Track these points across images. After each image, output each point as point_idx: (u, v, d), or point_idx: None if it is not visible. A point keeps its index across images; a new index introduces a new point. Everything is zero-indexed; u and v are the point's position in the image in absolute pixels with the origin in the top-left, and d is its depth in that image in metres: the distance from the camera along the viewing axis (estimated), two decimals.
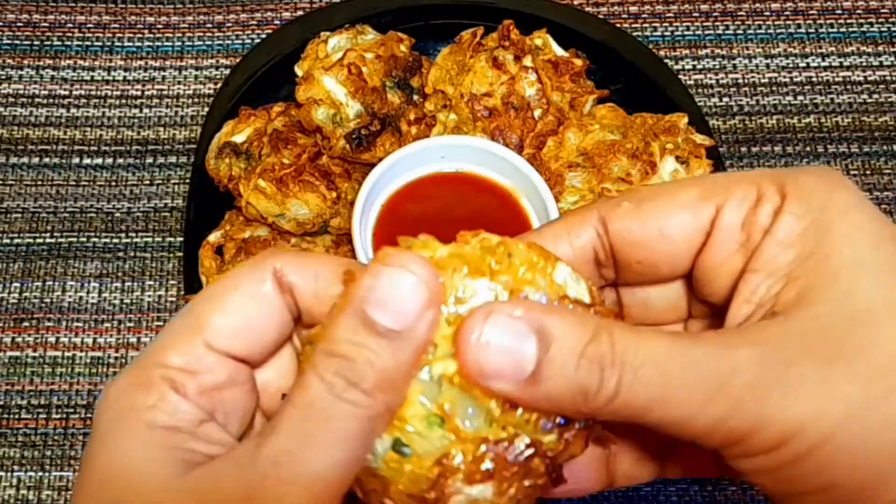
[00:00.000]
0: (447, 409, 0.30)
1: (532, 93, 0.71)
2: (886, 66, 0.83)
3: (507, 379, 0.29)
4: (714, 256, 0.32)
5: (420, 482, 0.30)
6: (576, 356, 0.29)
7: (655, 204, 0.33)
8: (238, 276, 0.33)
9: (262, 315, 0.32)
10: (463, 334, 0.29)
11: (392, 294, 0.29)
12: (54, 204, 0.77)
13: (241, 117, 0.71)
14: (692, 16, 0.86)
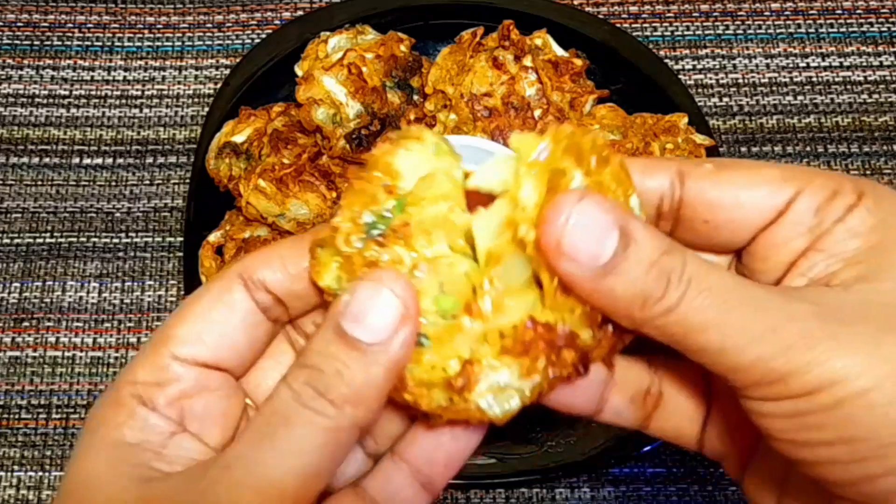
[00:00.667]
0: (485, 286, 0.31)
1: (532, 93, 0.71)
2: (886, 66, 0.83)
3: (580, 263, 0.30)
4: (781, 234, 0.33)
5: (441, 370, 0.31)
6: (649, 262, 0.30)
7: (738, 173, 0.33)
8: (204, 286, 0.34)
9: (227, 318, 0.33)
10: (552, 211, 0.30)
11: (367, 308, 0.30)
12: (54, 204, 0.77)
13: (241, 117, 0.71)
14: (692, 16, 0.86)
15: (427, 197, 0.32)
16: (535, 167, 0.31)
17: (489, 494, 0.65)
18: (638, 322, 0.31)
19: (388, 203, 0.31)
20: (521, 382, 0.31)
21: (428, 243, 0.31)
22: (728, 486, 0.65)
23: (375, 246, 0.31)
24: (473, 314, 0.31)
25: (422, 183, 0.32)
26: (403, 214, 0.31)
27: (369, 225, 0.31)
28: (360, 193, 0.32)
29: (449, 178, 0.32)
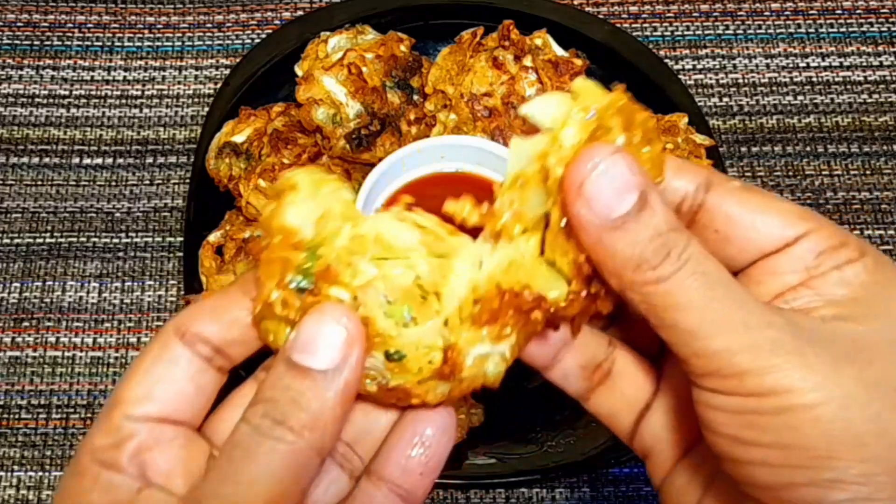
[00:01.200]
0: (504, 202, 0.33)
1: (532, 93, 0.71)
2: (886, 66, 0.83)
3: (594, 210, 0.31)
4: (780, 265, 0.35)
5: (428, 364, 0.32)
6: (656, 231, 0.31)
7: (761, 198, 0.35)
8: (146, 346, 0.35)
9: (171, 373, 0.34)
10: (585, 153, 0.31)
11: (314, 338, 0.32)
12: (54, 204, 0.77)
13: (241, 117, 0.71)
14: (692, 16, 0.86)
15: (330, 234, 0.32)
16: (586, 112, 0.32)
17: (489, 494, 0.65)
18: (626, 283, 0.32)
19: (301, 258, 0.32)
20: (498, 347, 0.33)
21: (354, 273, 0.32)
22: None
23: (310, 298, 0.32)
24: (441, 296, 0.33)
25: (320, 224, 0.33)
26: (320, 260, 0.32)
27: (296, 285, 0.32)
28: (272, 263, 0.32)
29: (338, 202, 0.33)
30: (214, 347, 0.34)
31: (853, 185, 0.78)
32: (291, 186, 0.33)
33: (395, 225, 0.33)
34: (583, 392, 0.39)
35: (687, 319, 0.31)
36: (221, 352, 0.35)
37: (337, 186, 0.33)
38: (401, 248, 0.33)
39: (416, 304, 0.32)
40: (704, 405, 0.32)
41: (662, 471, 0.38)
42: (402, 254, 0.33)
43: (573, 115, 0.32)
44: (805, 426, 0.30)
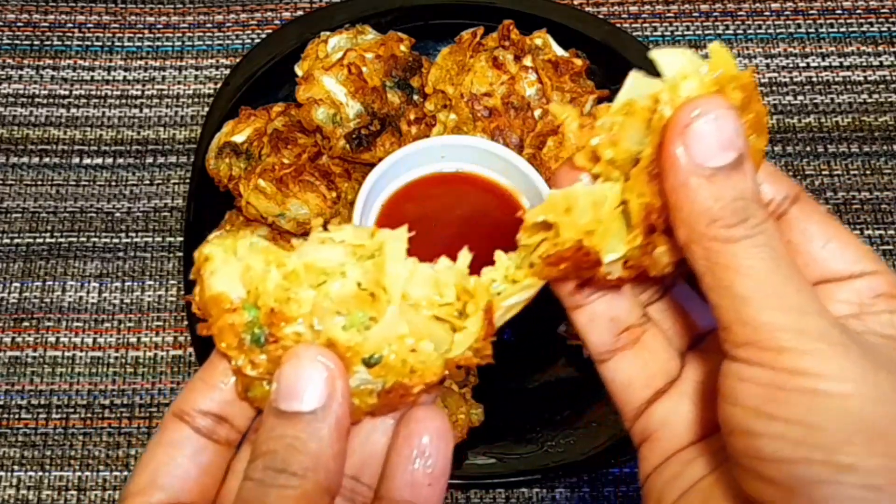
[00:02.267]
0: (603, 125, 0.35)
1: (532, 93, 0.71)
2: (886, 66, 0.83)
3: (691, 154, 0.32)
4: (837, 293, 0.36)
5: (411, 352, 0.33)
6: (741, 195, 0.32)
7: (841, 228, 0.37)
8: (150, 439, 0.36)
9: (174, 458, 0.34)
10: (701, 100, 0.32)
11: (295, 383, 0.32)
12: (54, 204, 0.77)
13: (241, 117, 0.71)
14: (692, 16, 0.86)
15: (260, 283, 0.33)
16: (713, 71, 0.33)
17: (489, 494, 0.65)
18: (695, 235, 0.32)
19: (244, 316, 0.33)
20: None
21: (299, 304, 0.33)
22: None
23: (272, 347, 0.33)
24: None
25: (245, 278, 0.34)
26: (263, 310, 0.33)
27: (253, 341, 0.33)
28: (222, 335, 0.34)
29: (256, 252, 0.34)
30: (216, 417, 0.35)
31: (853, 185, 0.78)
32: (206, 259, 0.34)
33: (317, 249, 0.34)
34: (605, 348, 0.38)
35: (743, 285, 0.32)
36: (225, 420, 0.35)
37: (249, 241, 0.34)
38: (332, 267, 0.34)
39: (367, 305, 0.33)
40: (734, 377, 0.32)
41: (656, 458, 0.38)
42: (335, 271, 0.33)
43: (700, 70, 0.33)
44: (832, 411, 0.31)
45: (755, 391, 0.32)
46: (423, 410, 0.36)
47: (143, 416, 0.68)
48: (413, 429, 0.36)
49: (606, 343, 0.38)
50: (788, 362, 0.31)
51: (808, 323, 0.31)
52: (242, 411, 0.35)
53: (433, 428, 0.36)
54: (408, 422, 0.36)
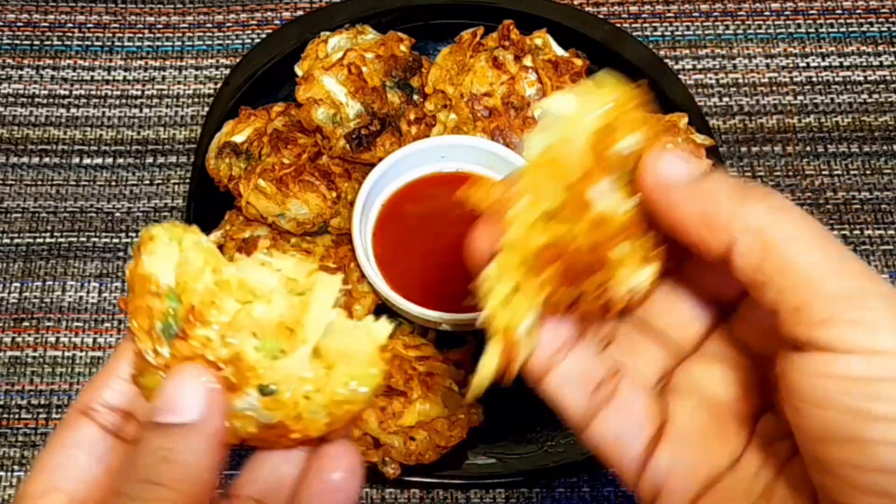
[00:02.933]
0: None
1: (532, 93, 0.71)
2: (887, 66, 0.83)
3: (673, 175, 0.31)
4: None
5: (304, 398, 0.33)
6: (740, 180, 0.31)
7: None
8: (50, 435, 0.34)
9: (76, 458, 0.33)
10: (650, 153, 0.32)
11: (174, 397, 0.32)
12: (54, 204, 0.76)
13: (241, 117, 0.71)
14: (692, 15, 0.86)
15: (191, 279, 0.33)
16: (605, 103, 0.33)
17: (489, 494, 0.65)
18: (737, 222, 0.30)
19: (165, 303, 0.33)
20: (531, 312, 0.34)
21: (220, 311, 0.33)
22: None
23: (179, 343, 0.33)
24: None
25: (179, 270, 0.34)
26: (184, 304, 0.33)
27: (163, 331, 0.33)
28: (139, 313, 0.33)
29: (198, 248, 0.34)
30: (123, 414, 0.34)
31: (853, 185, 0.78)
32: (150, 238, 0.34)
33: (255, 269, 0.34)
34: (583, 411, 0.35)
35: (808, 253, 0.28)
36: (132, 416, 0.34)
37: (196, 238, 0.35)
38: (262, 290, 0.34)
39: (283, 337, 0.33)
40: (815, 374, 0.28)
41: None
42: (263, 295, 0.34)
43: (592, 105, 0.33)
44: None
45: (852, 387, 0.27)
46: (336, 447, 0.35)
47: None
48: (325, 465, 0.35)
49: (584, 406, 0.35)
50: (884, 340, 0.26)
51: (885, 288, 0.27)
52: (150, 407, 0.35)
53: (346, 465, 0.35)
54: (320, 457, 0.35)
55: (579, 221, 0.32)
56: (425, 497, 0.65)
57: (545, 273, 0.33)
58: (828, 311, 0.27)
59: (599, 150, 0.32)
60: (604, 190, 0.33)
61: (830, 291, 0.28)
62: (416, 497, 0.65)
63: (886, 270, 0.74)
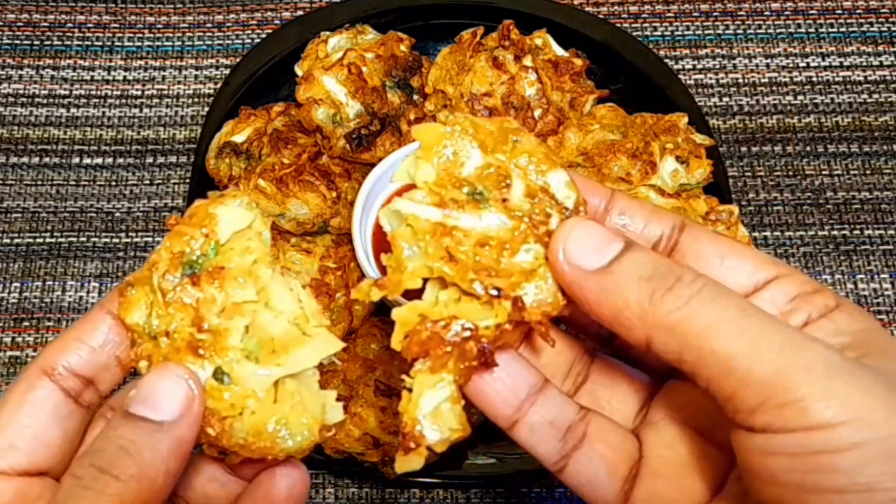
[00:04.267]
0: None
1: (532, 92, 0.71)
2: (886, 66, 0.83)
3: (582, 262, 0.32)
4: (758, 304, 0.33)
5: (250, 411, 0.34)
6: (656, 260, 0.31)
7: (732, 242, 0.35)
8: (7, 390, 0.34)
9: (36, 418, 0.33)
10: (556, 232, 0.33)
11: (154, 391, 0.32)
12: (54, 204, 0.76)
13: (241, 117, 0.71)
14: (692, 15, 0.86)
15: (238, 248, 0.35)
16: (430, 150, 0.35)
17: (489, 494, 0.65)
18: (648, 319, 0.30)
19: (206, 247, 0.35)
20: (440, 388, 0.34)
21: (238, 288, 0.34)
22: None
23: (190, 285, 0.34)
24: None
25: (235, 235, 0.35)
26: (218, 258, 0.34)
27: (186, 264, 0.34)
28: (179, 236, 0.35)
29: (257, 236, 0.36)
30: (84, 379, 0.34)
31: (853, 185, 0.78)
32: (234, 195, 0.36)
33: (285, 286, 0.36)
34: (557, 456, 0.36)
35: (724, 343, 0.29)
36: (92, 383, 0.34)
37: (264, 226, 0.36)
38: (277, 306, 0.36)
39: (266, 351, 0.34)
40: (760, 452, 0.29)
41: None
42: (276, 311, 0.35)
43: (415, 166, 0.35)
44: (879, 462, 0.27)
45: (792, 464, 0.28)
46: (284, 467, 0.36)
47: None
48: (271, 483, 0.36)
49: (556, 450, 0.36)
50: (815, 414, 0.27)
51: (808, 357, 0.28)
52: (111, 376, 0.35)
53: (290, 485, 0.36)
54: (268, 475, 0.36)
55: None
56: (425, 496, 0.65)
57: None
58: (756, 399, 0.28)
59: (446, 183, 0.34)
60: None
61: (755, 380, 0.28)
62: (416, 497, 0.65)
63: (886, 270, 0.74)
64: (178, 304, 0.33)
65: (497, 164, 0.34)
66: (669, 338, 0.30)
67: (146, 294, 0.34)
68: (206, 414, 0.33)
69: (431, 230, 0.34)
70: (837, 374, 0.28)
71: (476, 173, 0.34)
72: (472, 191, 0.34)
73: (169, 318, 0.33)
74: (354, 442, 0.60)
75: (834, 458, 0.27)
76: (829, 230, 0.75)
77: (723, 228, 0.65)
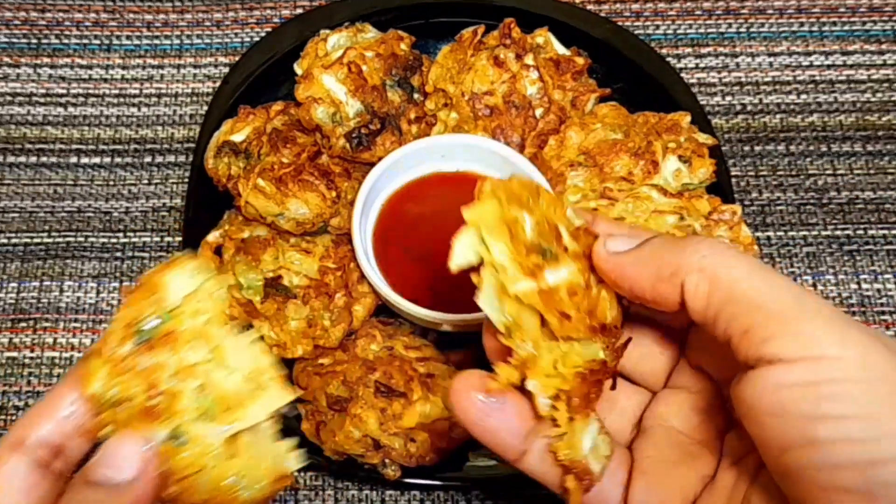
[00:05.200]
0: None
1: (533, 91, 0.70)
2: (890, 65, 0.82)
3: (620, 249, 0.37)
4: None
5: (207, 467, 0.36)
6: (671, 241, 0.35)
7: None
8: None
9: (6, 491, 0.35)
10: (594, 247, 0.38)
11: (111, 455, 0.34)
12: (52, 203, 0.76)
13: (240, 116, 0.71)
14: (694, 14, 0.85)
15: (189, 311, 0.37)
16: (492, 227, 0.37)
17: (490, 496, 0.65)
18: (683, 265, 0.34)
19: (157, 314, 0.37)
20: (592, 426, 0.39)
21: (190, 351, 0.36)
22: None
23: (145, 351, 0.36)
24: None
25: (187, 298, 0.37)
26: (170, 324, 0.36)
27: (139, 333, 0.36)
28: (132, 306, 0.37)
29: (209, 296, 0.38)
30: (54, 449, 0.35)
31: (857, 185, 0.77)
32: (183, 261, 0.38)
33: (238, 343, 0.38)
34: (560, 477, 0.39)
35: (749, 282, 0.32)
36: (61, 452, 0.36)
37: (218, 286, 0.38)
38: (231, 363, 0.37)
39: (220, 408, 0.36)
40: (771, 387, 0.31)
41: None
42: (229, 368, 0.37)
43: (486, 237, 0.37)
44: (883, 396, 0.29)
45: (804, 393, 0.30)
46: None
47: None
48: None
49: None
50: (830, 345, 0.30)
51: (821, 305, 0.31)
52: (80, 443, 0.36)
53: None
54: None
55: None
56: (426, 499, 0.65)
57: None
58: (772, 329, 0.31)
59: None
60: None
61: (773, 311, 0.31)
62: (417, 499, 0.65)
63: (890, 270, 0.73)
64: (133, 371, 0.36)
65: (542, 219, 0.38)
66: (701, 279, 0.33)
67: (104, 364, 0.36)
68: (165, 474, 0.35)
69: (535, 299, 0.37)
70: (846, 323, 0.30)
71: (534, 233, 0.38)
72: (544, 250, 0.37)
73: (126, 385, 0.35)
74: (354, 443, 0.59)
75: (845, 386, 0.29)
76: (832, 230, 0.75)
77: (725, 228, 0.65)
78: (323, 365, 0.63)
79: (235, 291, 0.64)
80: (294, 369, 0.64)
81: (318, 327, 0.63)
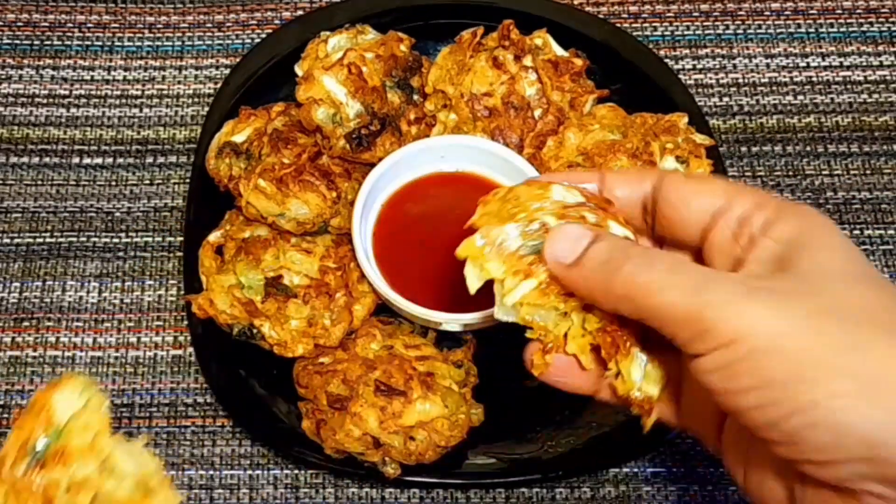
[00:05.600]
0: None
1: (532, 92, 0.71)
2: (887, 66, 0.83)
3: (559, 260, 0.41)
4: (717, 237, 0.41)
5: None
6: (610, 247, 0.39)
7: (695, 181, 0.43)
8: None
9: None
10: (551, 235, 0.42)
11: None
12: (54, 203, 0.76)
13: (241, 117, 0.71)
14: (692, 15, 0.86)
15: (77, 427, 0.39)
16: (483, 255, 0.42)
17: (489, 494, 0.65)
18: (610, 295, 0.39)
19: (47, 433, 0.39)
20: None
21: (80, 465, 0.38)
22: (728, 485, 0.65)
23: (38, 469, 0.38)
24: None
25: (74, 416, 0.40)
26: (60, 442, 0.39)
27: (32, 453, 0.38)
28: (23, 429, 0.39)
29: (95, 412, 0.41)
30: None
31: (853, 185, 0.78)
32: (69, 380, 0.42)
33: (128, 452, 0.41)
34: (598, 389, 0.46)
35: (659, 296, 0.37)
36: None
37: (102, 402, 0.42)
38: (121, 472, 0.40)
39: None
40: (703, 373, 0.37)
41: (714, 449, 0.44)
42: (120, 476, 0.40)
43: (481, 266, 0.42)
44: (772, 362, 0.34)
45: (718, 377, 0.36)
46: None
47: (143, 416, 0.68)
48: None
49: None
50: (720, 335, 0.35)
51: (714, 294, 0.36)
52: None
53: None
54: None
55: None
56: (425, 497, 0.65)
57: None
58: (687, 334, 0.36)
59: None
60: None
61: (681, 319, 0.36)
62: (417, 497, 0.65)
63: (887, 270, 0.74)
64: (28, 490, 0.38)
65: (527, 220, 0.42)
66: (628, 305, 0.38)
67: (1, 484, 0.38)
68: None
69: (542, 295, 0.41)
70: (736, 300, 0.35)
71: (522, 238, 0.42)
72: (533, 250, 0.42)
73: (23, 503, 0.38)
74: (354, 442, 0.60)
75: (740, 366, 0.35)
76: None
77: None
78: (323, 364, 0.63)
79: (237, 291, 0.64)
80: (294, 368, 0.64)
81: (319, 326, 0.64)
